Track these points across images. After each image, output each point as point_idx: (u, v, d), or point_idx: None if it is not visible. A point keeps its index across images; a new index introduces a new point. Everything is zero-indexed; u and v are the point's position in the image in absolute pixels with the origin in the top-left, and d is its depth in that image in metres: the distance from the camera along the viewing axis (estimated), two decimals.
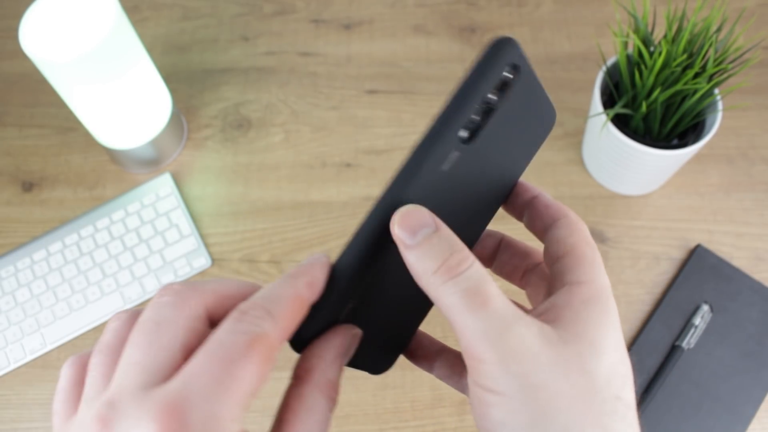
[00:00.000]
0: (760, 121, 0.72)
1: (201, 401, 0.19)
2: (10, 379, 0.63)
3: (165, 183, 0.71)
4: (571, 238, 0.26)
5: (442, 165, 0.24)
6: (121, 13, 0.59)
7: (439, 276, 0.22)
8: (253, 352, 0.20)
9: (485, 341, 0.22)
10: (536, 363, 0.22)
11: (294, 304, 0.22)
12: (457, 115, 0.24)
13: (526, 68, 0.25)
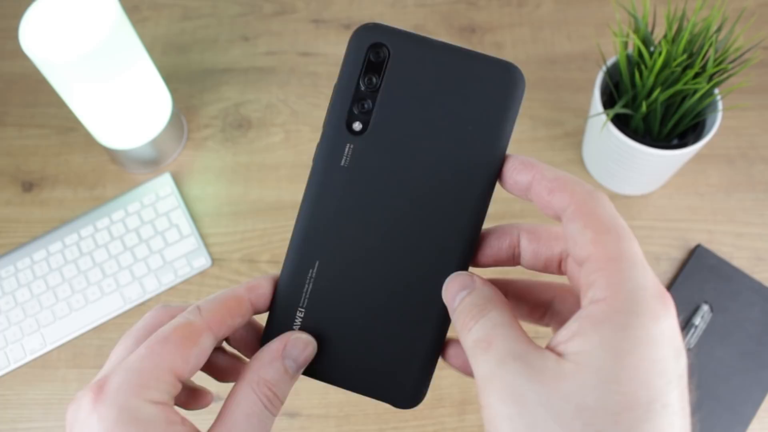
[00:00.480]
0: (760, 121, 0.72)
1: (119, 372, 0.23)
2: (10, 379, 0.63)
3: (165, 183, 0.71)
4: (586, 232, 0.22)
5: (341, 161, 0.26)
6: (121, 13, 0.59)
7: (464, 330, 0.24)
8: (174, 335, 0.24)
9: (485, 384, 0.22)
10: (529, 403, 0.20)
11: (225, 301, 0.26)
12: (331, 111, 0.25)
13: (410, 44, 0.25)
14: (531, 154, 0.71)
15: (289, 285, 0.27)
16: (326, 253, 0.27)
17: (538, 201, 0.24)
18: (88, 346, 0.64)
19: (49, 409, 0.61)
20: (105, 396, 0.23)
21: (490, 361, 0.22)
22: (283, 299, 0.27)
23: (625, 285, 0.21)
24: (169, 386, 0.23)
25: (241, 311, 0.26)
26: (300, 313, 0.27)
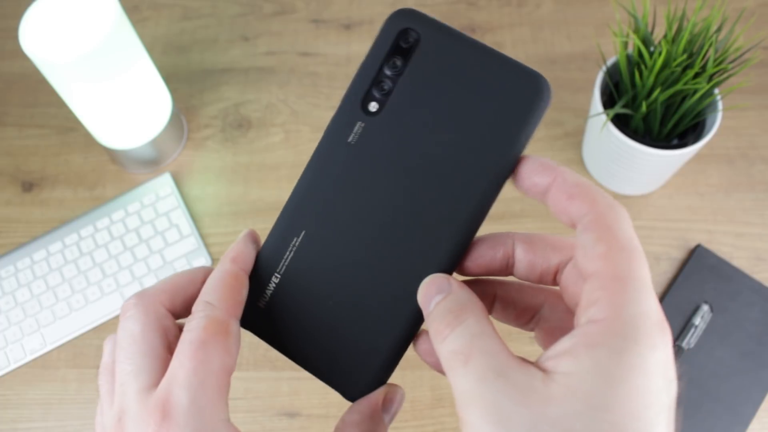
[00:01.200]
0: (760, 121, 0.72)
1: (182, 392, 0.22)
2: (10, 379, 0.63)
3: (165, 183, 0.71)
4: (599, 245, 0.21)
5: (348, 137, 0.26)
6: (121, 13, 0.59)
7: (438, 337, 0.23)
8: (208, 337, 0.23)
9: (465, 400, 0.21)
10: (511, 424, 0.19)
11: (225, 283, 0.25)
12: (350, 88, 0.26)
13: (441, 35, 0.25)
14: (531, 154, 0.71)
15: (271, 250, 0.27)
16: (313, 226, 0.26)
17: (555, 205, 0.23)
18: (88, 346, 0.64)
19: (49, 409, 0.61)
20: (174, 419, 0.22)
21: (469, 376, 0.21)
22: (262, 262, 0.27)
23: (628, 308, 0.20)
24: (227, 390, 0.23)
25: (242, 283, 0.26)
26: (275, 279, 0.27)
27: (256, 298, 0.27)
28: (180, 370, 0.23)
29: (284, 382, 0.61)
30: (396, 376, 0.56)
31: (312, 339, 0.26)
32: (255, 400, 0.61)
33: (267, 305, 0.27)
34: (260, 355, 0.62)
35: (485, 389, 0.20)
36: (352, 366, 0.26)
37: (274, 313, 0.27)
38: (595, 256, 0.21)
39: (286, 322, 0.27)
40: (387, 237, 0.26)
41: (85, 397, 0.62)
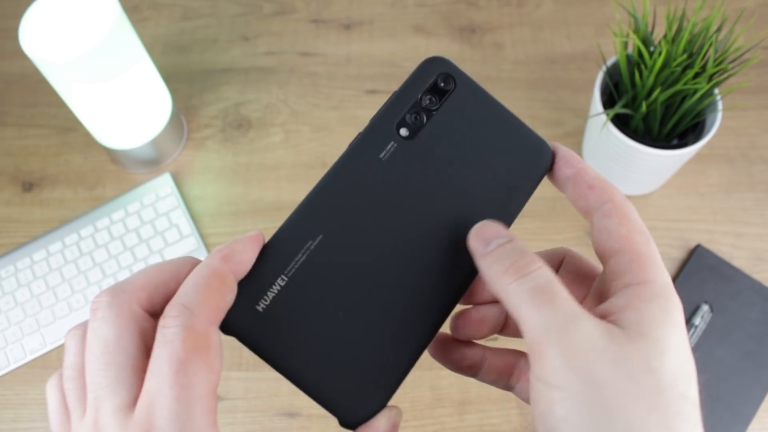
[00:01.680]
0: (760, 121, 0.72)
1: (166, 424, 0.20)
2: (10, 379, 0.63)
3: (165, 183, 0.71)
4: (621, 228, 0.25)
5: (380, 153, 0.27)
6: (121, 13, 0.59)
7: (509, 275, 0.23)
8: (187, 355, 0.21)
9: (549, 336, 0.22)
10: (601, 360, 0.21)
11: (208, 284, 0.22)
12: (387, 108, 0.27)
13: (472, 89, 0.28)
14: None
15: (281, 247, 0.25)
16: (333, 231, 0.25)
17: (576, 191, 0.27)
18: None
19: None
20: None
21: (556, 313, 0.22)
22: (268, 259, 0.25)
23: (661, 277, 0.24)
24: (215, 411, 0.21)
25: (228, 287, 0.23)
26: (281, 281, 0.24)
27: (254, 299, 0.24)
28: (160, 397, 0.20)
29: (284, 382, 0.61)
30: None
31: (313, 353, 0.24)
32: (255, 400, 0.61)
33: (267, 308, 0.24)
34: None
35: (574, 327, 0.22)
36: (355, 388, 0.24)
37: (273, 318, 0.24)
38: (619, 237, 0.24)
39: (286, 330, 0.24)
40: (407, 256, 0.26)
41: None
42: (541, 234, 0.65)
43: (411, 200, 0.26)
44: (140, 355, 0.22)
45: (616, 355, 0.21)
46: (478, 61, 0.78)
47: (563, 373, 0.21)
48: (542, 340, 0.22)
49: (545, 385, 0.22)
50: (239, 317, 0.24)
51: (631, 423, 0.21)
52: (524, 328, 0.23)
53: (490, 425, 0.58)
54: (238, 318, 0.24)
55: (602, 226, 0.25)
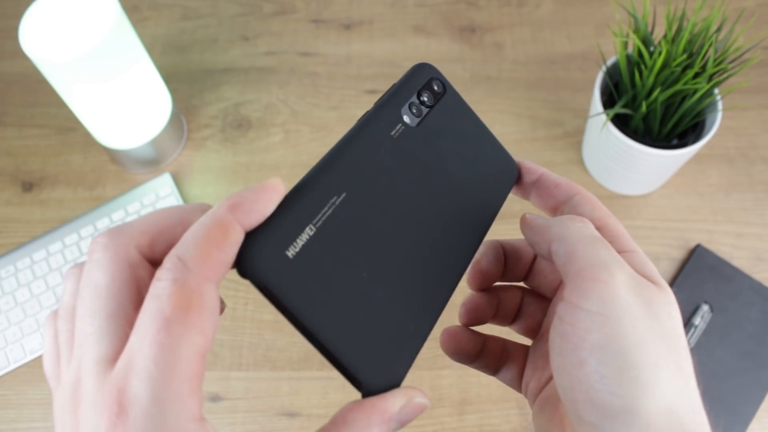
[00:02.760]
0: (760, 121, 0.72)
1: (141, 385, 0.18)
2: (10, 379, 0.63)
3: (165, 183, 0.71)
4: (595, 212, 0.28)
5: (392, 131, 0.28)
6: (121, 13, 0.59)
7: (578, 219, 0.26)
8: (174, 312, 0.18)
9: (606, 268, 0.24)
10: (639, 298, 0.24)
11: (208, 235, 0.20)
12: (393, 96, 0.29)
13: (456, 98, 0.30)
14: (531, 154, 0.71)
15: (308, 196, 0.23)
16: (357, 193, 0.25)
17: (543, 192, 0.30)
18: None
19: (49, 410, 0.61)
20: (133, 419, 0.18)
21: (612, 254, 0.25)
22: (293, 208, 0.23)
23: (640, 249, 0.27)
24: (200, 378, 0.19)
25: (232, 239, 0.20)
26: (310, 231, 0.23)
27: (282, 245, 0.22)
28: (139, 355, 0.18)
29: (284, 382, 0.61)
30: None
31: (337, 311, 0.23)
32: (255, 400, 0.61)
33: (296, 256, 0.22)
34: (260, 356, 0.62)
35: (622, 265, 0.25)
36: (376, 353, 0.23)
37: (301, 267, 0.22)
38: (595, 219, 0.27)
39: (312, 282, 0.22)
40: (421, 229, 0.27)
41: None
42: None
43: (420, 179, 0.28)
44: (131, 305, 0.20)
45: (650, 298, 0.24)
46: (478, 61, 0.78)
47: (607, 300, 0.23)
48: (597, 270, 0.24)
49: (584, 312, 0.23)
50: (264, 261, 0.21)
51: (656, 359, 0.23)
52: (578, 259, 0.24)
53: (490, 425, 0.58)
54: (262, 261, 0.21)
55: (576, 213, 0.28)
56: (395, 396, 0.23)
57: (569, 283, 0.25)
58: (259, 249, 0.21)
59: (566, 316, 0.24)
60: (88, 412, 0.19)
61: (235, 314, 0.63)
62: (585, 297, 0.24)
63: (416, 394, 0.23)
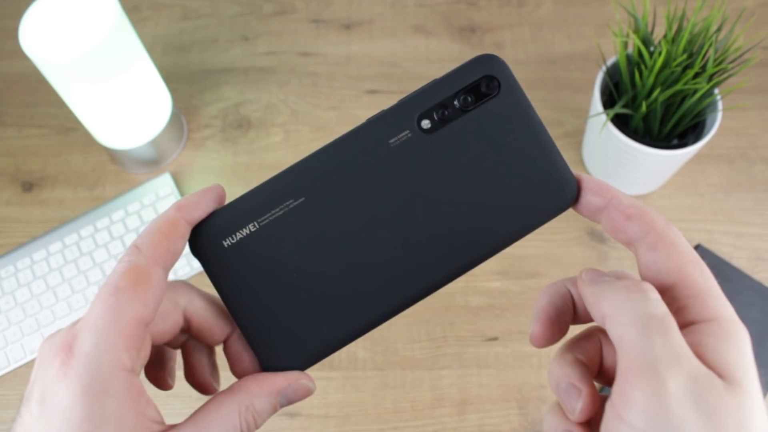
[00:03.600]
0: (760, 121, 0.72)
1: (86, 336, 0.22)
2: (10, 379, 0.63)
3: (165, 183, 0.71)
4: (671, 261, 0.23)
5: (390, 139, 0.26)
6: (121, 13, 0.59)
7: (628, 292, 0.22)
8: (124, 284, 0.23)
9: (652, 369, 0.20)
10: (696, 409, 0.19)
11: (159, 229, 0.25)
12: (414, 97, 0.26)
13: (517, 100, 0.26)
14: None
15: (262, 197, 0.26)
16: (315, 198, 0.26)
17: (612, 224, 0.25)
18: None
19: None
20: (75, 360, 0.22)
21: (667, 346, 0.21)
22: (248, 205, 0.26)
23: (725, 311, 0.22)
24: (137, 340, 0.23)
25: (179, 232, 0.25)
26: (252, 227, 0.26)
27: (222, 234, 0.26)
28: (90, 314, 0.23)
29: None
30: (396, 375, 0.56)
31: (259, 297, 0.26)
32: None
33: (232, 246, 0.26)
34: None
35: (679, 367, 0.20)
36: (286, 339, 0.26)
37: (235, 256, 0.26)
38: (670, 272, 0.23)
39: (241, 269, 0.26)
40: (375, 246, 0.26)
41: None
42: (541, 234, 0.65)
43: (402, 195, 0.26)
44: None
45: (713, 407, 0.20)
46: None
47: (653, 416, 0.19)
48: (643, 374, 0.20)
49: (627, 427, 0.20)
50: (204, 243, 0.26)
51: None
52: (626, 353, 0.21)
53: (490, 425, 0.58)
54: (202, 243, 0.26)
55: (649, 261, 0.24)
56: (285, 375, 0.26)
57: (616, 383, 0.21)
58: (200, 234, 0.26)
59: (610, 422, 0.21)
60: (47, 353, 0.23)
61: None
62: (628, 407, 0.20)
63: (303, 378, 0.26)
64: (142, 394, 0.23)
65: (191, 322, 0.27)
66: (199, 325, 0.27)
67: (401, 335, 0.62)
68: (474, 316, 0.62)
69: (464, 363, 0.61)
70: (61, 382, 0.22)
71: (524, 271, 0.65)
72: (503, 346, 0.61)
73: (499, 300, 0.63)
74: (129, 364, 0.23)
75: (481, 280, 0.64)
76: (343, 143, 0.26)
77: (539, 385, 0.59)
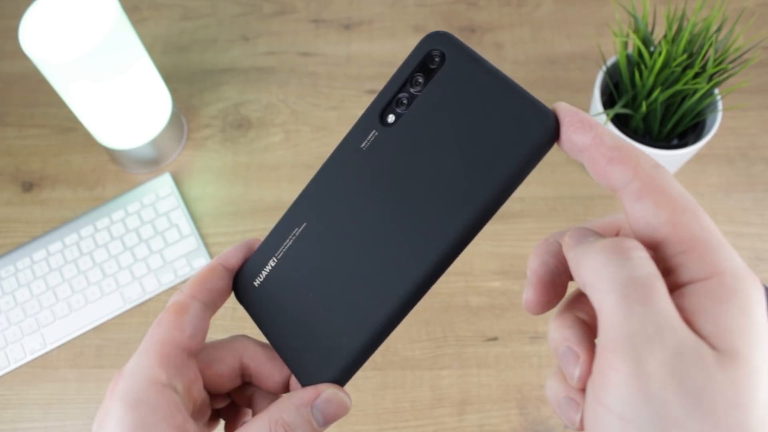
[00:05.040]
0: (760, 121, 0.72)
1: (132, 358, 0.26)
2: (10, 379, 0.63)
3: (165, 183, 0.71)
4: (660, 212, 0.19)
5: (361, 143, 0.27)
6: (121, 13, 0.59)
7: (606, 253, 0.19)
8: (164, 315, 0.27)
9: (630, 344, 0.17)
10: (681, 389, 0.17)
11: (201, 273, 0.28)
12: (375, 98, 0.27)
13: (465, 60, 0.25)
14: None
15: (276, 235, 0.29)
16: (314, 220, 0.28)
17: (594, 168, 0.21)
18: (88, 346, 0.64)
19: (49, 409, 0.61)
20: (121, 380, 0.25)
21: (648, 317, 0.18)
22: (266, 245, 0.30)
23: (727, 262, 0.19)
24: (173, 359, 0.26)
25: (216, 274, 0.29)
26: (272, 262, 0.29)
27: (252, 276, 0.29)
28: (141, 344, 0.27)
29: None
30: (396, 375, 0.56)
31: (288, 323, 0.28)
32: None
33: (261, 284, 0.29)
34: None
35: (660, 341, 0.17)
36: (315, 357, 0.28)
37: (265, 292, 0.29)
38: (659, 225, 0.19)
39: (273, 302, 0.29)
40: (379, 240, 0.26)
41: (85, 397, 0.62)
42: (541, 234, 0.65)
43: (388, 189, 0.26)
44: None
45: (700, 386, 0.17)
46: None
47: (631, 400, 0.17)
48: (619, 352, 0.18)
49: (604, 410, 0.18)
50: (242, 289, 0.30)
51: None
52: (603, 326, 0.18)
53: (490, 425, 0.58)
54: (241, 290, 0.30)
55: (636, 213, 0.20)
56: (314, 387, 0.27)
57: (595, 360, 0.19)
58: (237, 281, 0.30)
59: (589, 403, 0.19)
60: (110, 384, 0.26)
61: (236, 314, 0.63)
62: (605, 390, 0.18)
63: (331, 387, 0.27)
64: (179, 410, 0.25)
65: (249, 367, 0.29)
66: (257, 369, 0.29)
67: (401, 335, 0.62)
68: (474, 316, 0.62)
69: (464, 363, 0.61)
70: (112, 402, 0.25)
71: (524, 271, 0.65)
72: (503, 346, 0.61)
73: (499, 300, 0.63)
74: (164, 379, 0.25)
75: (481, 280, 0.64)
76: (328, 165, 0.28)
77: (539, 385, 0.59)
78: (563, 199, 0.67)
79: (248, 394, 0.30)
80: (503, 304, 0.63)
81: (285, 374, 0.29)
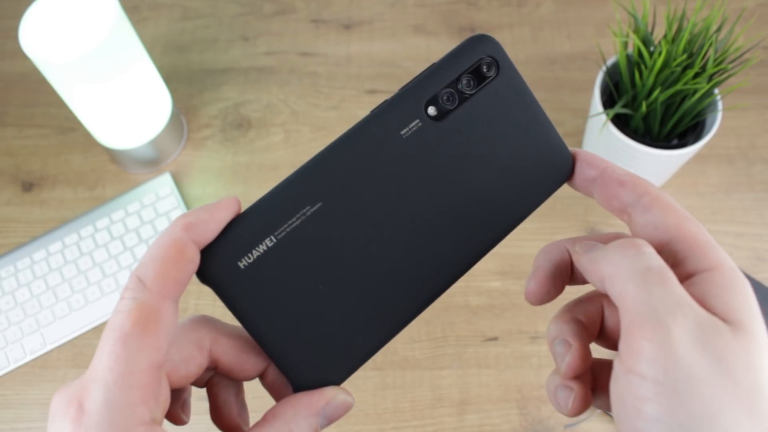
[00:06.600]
0: (760, 121, 0.72)
1: (97, 390, 0.20)
2: (10, 379, 0.63)
3: (165, 183, 0.71)
4: (668, 218, 0.23)
5: (402, 130, 0.25)
6: (121, 13, 0.59)
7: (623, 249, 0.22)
8: (131, 328, 0.20)
9: (656, 319, 0.20)
10: (705, 353, 0.20)
11: (165, 255, 0.21)
12: (417, 84, 0.25)
13: (515, 80, 0.26)
14: None
15: (276, 207, 0.24)
16: (334, 203, 0.24)
17: (606, 191, 0.25)
18: (88, 346, 0.64)
19: (49, 410, 0.61)
20: (87, 418, 0.20)
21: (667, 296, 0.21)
22: (260, 218, 0.24)
23: (726, 261, 0.22)
24: (152, 389, 0.21)
25: (187, 257, 0.22)
26: (269, 241, 0.24)
27: (236, 255, 0.23)
28: (97, 364, 0.20)
29: None
30: (396, 375, 0.56)
31: (285, 317, 0.24)
32: (255, 400, 0.60)
33: (248, 267, 0.23)
34: None
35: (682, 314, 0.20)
36: (319, 356, 0.24)
37: (253, 277, 0.23)
38: (668, 227, 0.23)
39: (264, 291, 0.24)
40: (400, 245, 0.25)
41: None
42: (541, 234, 0.65)
43: (421, 187, 0.25)
44: None
45: (720, 350, 0.20)
46: None
47: (663, 363, 0.20)
48: (647, 324, 0.20)
49: (638, 378, 0.20)
50: (217, 269, 0.23)
51: (728, 426, 0.19)
52: (628, 307, 0.21)
53: (490, 425, 0.58)
54: (215, 269, 0.23)
55: (646, 221, 0.24)
56: (322, 393, 0.24)
57: (622, 339, 0.21)
58: (211, 259, 0.23)
59: (620, 377, 0.21)
60: (58, 409, 0.21)
61: None
62: (637, 358, 0.20)
63: (341, 393, 0.25)
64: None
65: (219, 362, 0.25)
66: (228, 364, 0.25)
67: (401, 335, 0.62)
68: (474, 316, 0.62)
69: (464, 363, 0.61)
70: None
71: (524, 271, 0.65)
72: (503, 346, 0.61)
73: (499, 300, 0.63)
74: (148, 417, 0.20)
75: (481, 280, 0.64)
76: (354, 139, 0.25)
77: (539, 385, 0.59)
78: (563, 199, 0.67)
79: (205, 378, 0.26)
80: (503, 304, 0.63)
81: (259, 369, 0.25)
